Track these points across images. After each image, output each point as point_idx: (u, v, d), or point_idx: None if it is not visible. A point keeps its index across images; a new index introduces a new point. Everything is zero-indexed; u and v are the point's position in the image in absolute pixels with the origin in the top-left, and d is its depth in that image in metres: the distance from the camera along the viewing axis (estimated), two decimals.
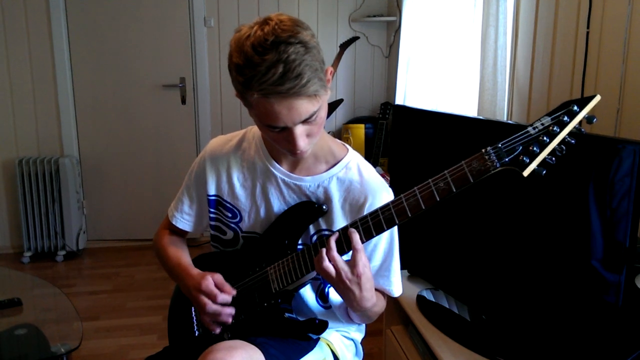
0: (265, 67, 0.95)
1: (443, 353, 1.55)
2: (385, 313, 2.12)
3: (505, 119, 2.22)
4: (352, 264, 1.05)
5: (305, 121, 1.03)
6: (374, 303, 1.13)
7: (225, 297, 1.15)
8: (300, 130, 1.04)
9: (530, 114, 2.14)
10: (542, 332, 1.49)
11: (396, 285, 1.25)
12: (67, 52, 3.71)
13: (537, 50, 2.08)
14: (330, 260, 1.05)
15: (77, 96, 3.80)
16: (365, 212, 1.17)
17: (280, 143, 1.09)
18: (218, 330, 1.19)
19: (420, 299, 1.86)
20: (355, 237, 1.04)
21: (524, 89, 2.17)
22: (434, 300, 1.86)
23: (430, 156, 1.96)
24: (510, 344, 1.56)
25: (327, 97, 1.07)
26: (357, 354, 1.38)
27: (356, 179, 1.20)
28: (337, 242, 1.07)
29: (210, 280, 1.15)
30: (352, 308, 1.13)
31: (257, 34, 0.98)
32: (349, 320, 1.28)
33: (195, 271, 1.22)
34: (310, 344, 1.25)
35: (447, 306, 1.81)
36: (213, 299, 1.14)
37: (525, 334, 1.54)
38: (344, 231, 1.07)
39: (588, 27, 1.78)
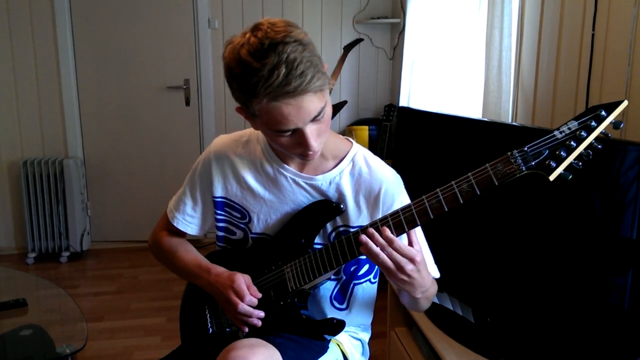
0: (268, 71, 0.95)
1: (447, 355, 1.55)
2: (389, 315, 2.12)
3: (510, 121, 2.22)
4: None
5: (314, 119, 1.03)
6: (430, 284, 1.11)
7: (253, 299, 1.15)
8: (311, 130, 1.04)
9: (535, 115, 2.13)
10: (547, 334, 1.48)
11: (434, 267, 1.25)
12: (71, 54, 3.73)
13: (542, 52, 2.08)
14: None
15: (81, 98, 3.81)
16: (382, 201, 1.17)
17: (291, 148, 1.08)
18: (246, 330, 1.18)
19: None
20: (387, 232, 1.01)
21: (528, 91, 2.17)
22: (438, 302, 1.85)
23: (434, 158, 1.96)
24: (514, 346, 1.55)
25: (329, 93, 1.06)
26: (364, 353, 1.38)
27: (365, 170, 1.20)
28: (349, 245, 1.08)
29: (242, 280, 1.15)
30: (413, 292, 1.08)
31: (251, 41, 0.98)
32: (369, 315, 1.32)
33: (221, 269, 1.21)
34: (324, 347, 1.25)
35: (452, 308, 1.81)
36: (241, 298, 1.14)
37: (530, 337, 1.54)
38: (360, 232, 1.04)
39: (593, 28, 1.78)
